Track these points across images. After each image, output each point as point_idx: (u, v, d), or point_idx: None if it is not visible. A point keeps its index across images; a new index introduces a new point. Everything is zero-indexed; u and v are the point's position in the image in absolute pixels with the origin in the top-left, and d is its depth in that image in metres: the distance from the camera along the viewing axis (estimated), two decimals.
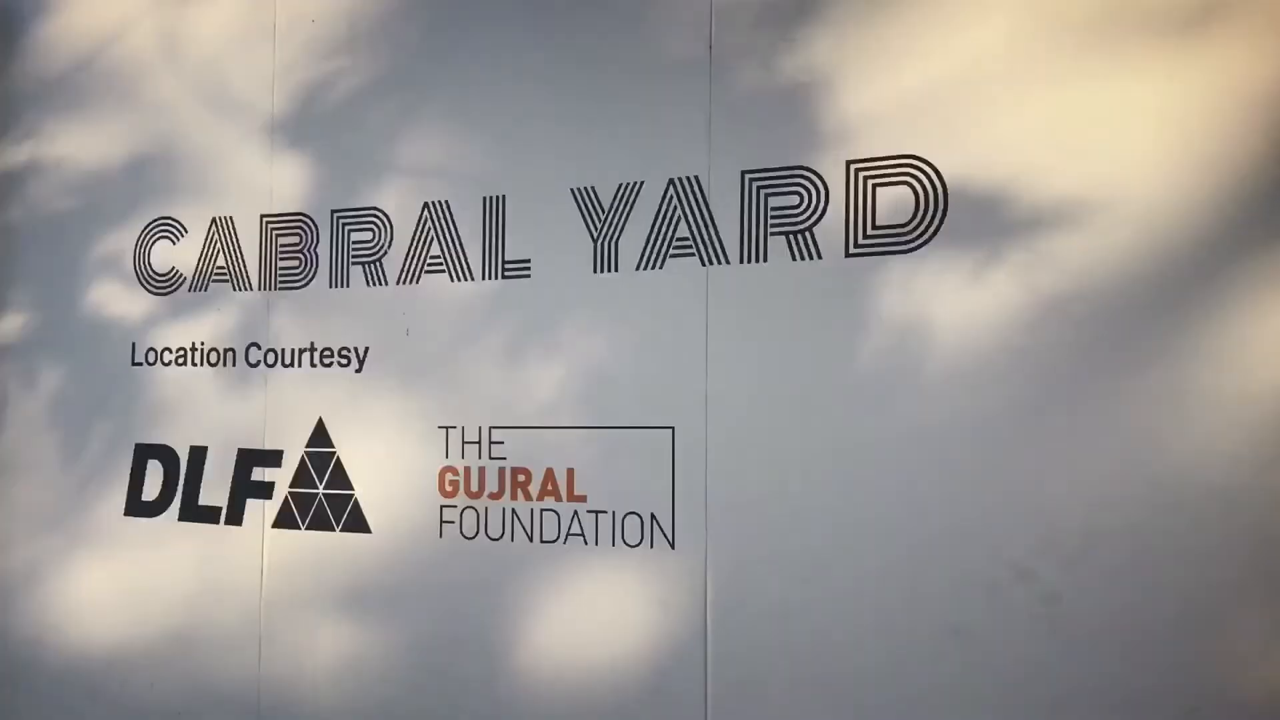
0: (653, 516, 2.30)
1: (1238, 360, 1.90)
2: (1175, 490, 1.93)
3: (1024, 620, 2.01)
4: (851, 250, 2.18)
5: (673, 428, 2.29)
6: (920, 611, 2.08)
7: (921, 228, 2.12)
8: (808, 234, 2.21)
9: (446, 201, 2.51)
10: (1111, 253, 1.99)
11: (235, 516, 2.71)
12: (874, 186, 2.16)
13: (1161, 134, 1.97)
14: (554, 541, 2.38)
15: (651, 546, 2.29)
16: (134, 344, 2.85)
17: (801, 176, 2.21)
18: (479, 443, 2.45)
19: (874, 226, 2.16)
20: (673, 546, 2.28)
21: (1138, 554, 1.95)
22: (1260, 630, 1.87)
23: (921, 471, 2.10)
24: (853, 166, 2.18)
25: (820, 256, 2.20)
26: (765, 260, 2.24)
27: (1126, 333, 1.97)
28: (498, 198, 2.47)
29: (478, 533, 2.45)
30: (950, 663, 2.06)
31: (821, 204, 2.20)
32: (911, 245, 2.13)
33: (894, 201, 2.15)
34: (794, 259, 2.21)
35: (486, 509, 2.44)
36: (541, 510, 2.40)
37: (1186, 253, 1.94)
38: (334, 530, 2.59)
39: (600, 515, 2.34)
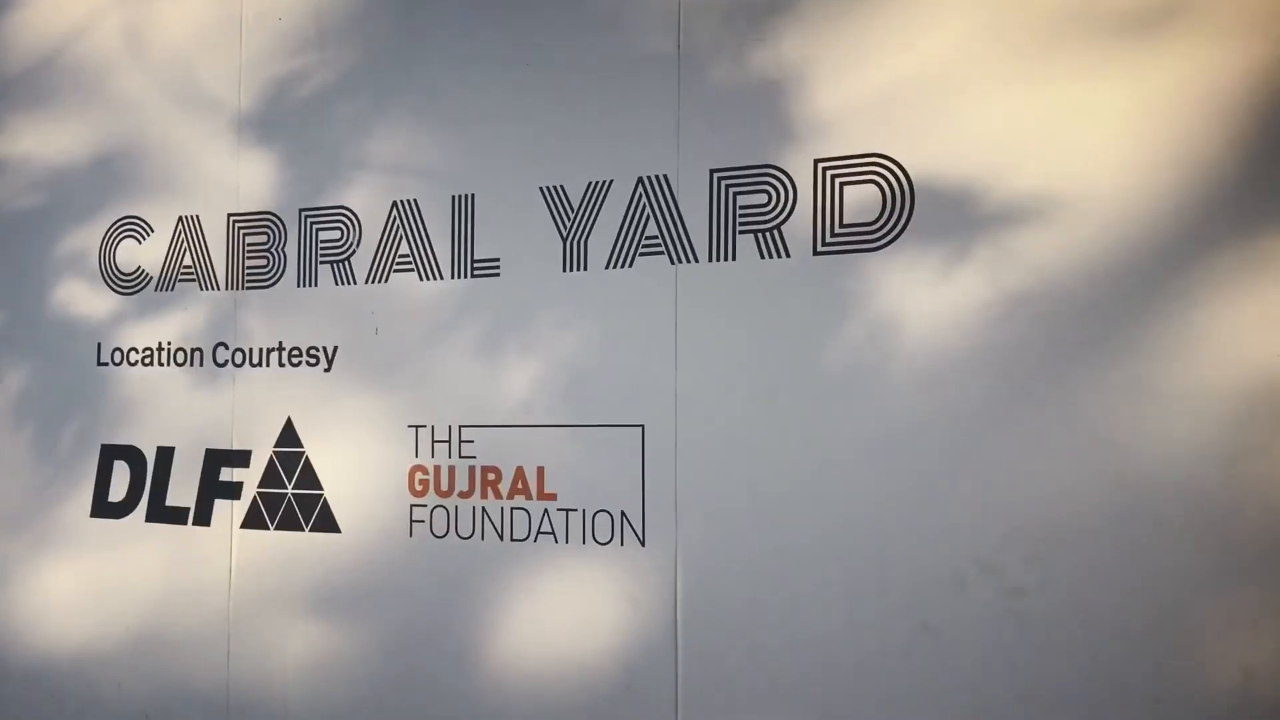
0: (623, 514, 2.30)
1: (1201, 356, 1.93)
2: (1139, 485, 1.95)
3: (991, 615, 2.04)
4: (819, 248, 2.19)
5: (642, 426, 2.30)
6: (888, 607, 2.10)
7: (888, 226, 2.14)
8: (776, 232, 2.22)
9: (415, 200, 2.50)
10: (1076, 250, 2.01)
11: (203, 517, 2.69)
12: (841, 185, 2.17)
13: (1124, 133, 1.99)
14: (524, 540, 2.38)
15: (622, 544, 2.30)
16: (99, 344, 2.82)
17: (769, 175, 2.22)
18: (449, 442, 2.45)
19: (841, 225, 2.17)
20: (643, 544, 2.29)
21: (1102, 548, 1.97)
22: (1221, 622, 1.90)
23: (890, 468, 2.12)
24: (820, 165, 2.19)
25: (788, 255, 2.21)
26: (734, 259, 2.25)
27: (1091, 329, 2.00)
28: (466, 196, 2.46)
29: (448, 532, 2.45)
30: (918, 658, 2.08)
31: (789, 202, 2.21)
32: (878, 243, 2.14)
33: (861, 200, 2.16)
34: (762, 257, 2.22)
35: (456, 508, 2.44)
36: (512, 509, 2.40)
37: (1149, 249, 1.96)
38: (303, 530, 2.58)
39: (570, 513, 2.35)
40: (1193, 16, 1.96)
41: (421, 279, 2.49)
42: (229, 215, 2.69)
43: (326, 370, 2.57)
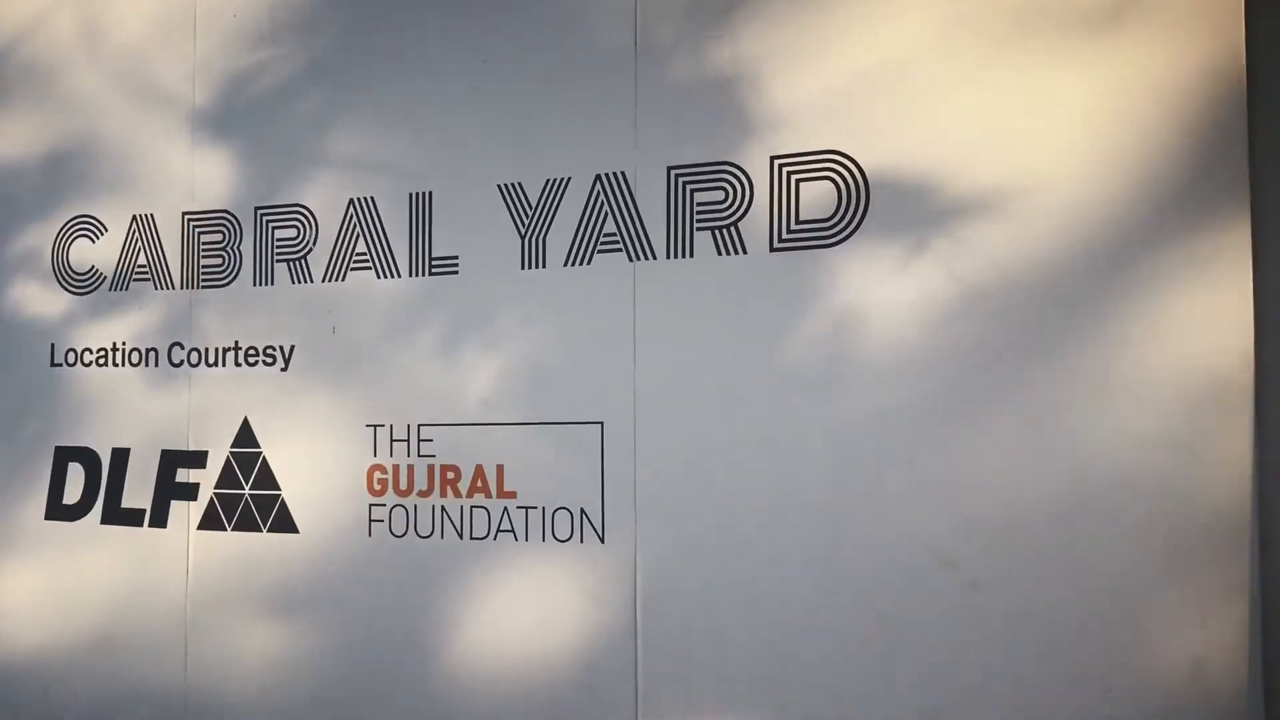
0: (582, 511, 2.30)
1: (1153, 349, 1.95)
2: (1092, 476, 1.98)
3: (947, 607, 2.05)
4: (776, 245, 2.19)
5: (602, 423, 2.30)
6: (846, 600, 2.11)
7: (844, 222, 2.15)
8: (733, 229, 2.22)
9: (372, 198, 2.49)
10: (1031, 244, 2.03)
11: (159, 519, 2.66)
12: (797, 182, 2.18)
13: (1079, 128, 2.01)
14: (484, 538, 2.38)
15: (581, 541, 2.30)
16: (53, 345, 2.79)
17: (726, 172, 2.22)
18: (407, 440, 2.44)
19: (798, 221, 2.18)
20: (602, 541, 2.29)
21: (1056, 540, 1.99)
22: (1171, 611, 1.92)
23: (848, 462, 2.13)
24: (776, 162, 2.19)
25: (746, 252, 2.21)
26: (691, 255, 2.25)
27: (1046, 322, 2.01)
28: (424, 194, 2.45)
29: (407, 531, 2.44)
30: (875, 650, 2.09)
31: (747, 199, 2.21)
32: (834, 240, 2.15)
33: (817, 196, 2.17)
34: (720, 254, 2.23)
35: (416, 507, 2.43)
36: (471, 507, 2.39)
37: (1102, 243, 1.99)
38: (261, 531, 2.56)
39: (530, 511, 2.34)
40: (1146, 13, 1.98)
41: (379, 277, 2.48)
42: (184, 214, 2.66)
43: (283, 370, 2.55)
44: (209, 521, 2.62)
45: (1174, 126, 1.95)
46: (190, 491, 2.64)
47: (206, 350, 2.63)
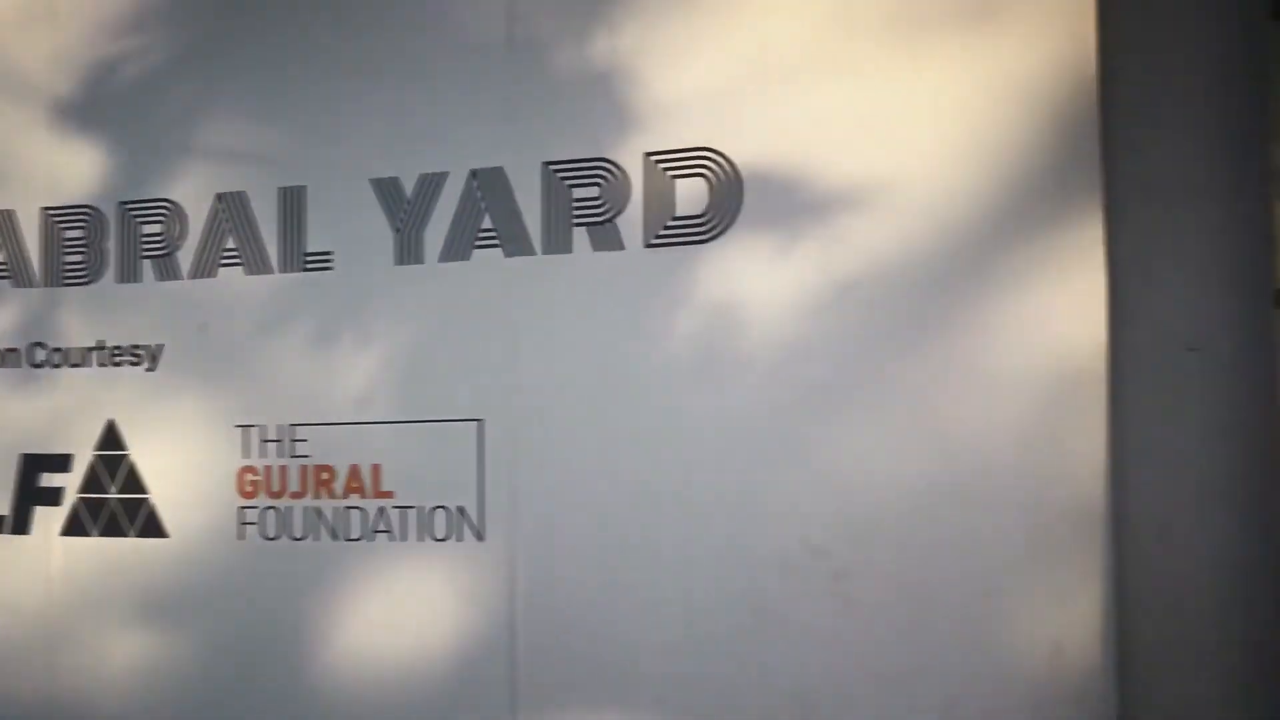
0: (461, 510, 2.28)
1: (1015, 341, 2.00)
2: (957, 465, 2.02)
3: (818, 597, 2.08)
4: (652, 241, 2.20)
5: (481, 420, 2.28)
6: (721, 592, 2.13)
7: (718, 218, 2.16)
8: (609, 225, 2.22)
9: (242, 192, 2.43)
10: (899, 236, 2.06)
11: (21, 525, 2.56)
12: (671, 178, 2.19)
13: (943, 123, 2.05)
14: (359, 539, 2.34)
15: (460, 540, 2.28)
16: None
17: (602, 168, 2.23)
18: (280, 441, 2.38)
19: (672, 217, 2.19)
20: (481, 539, 2.27)
21: (922, 528, 2.03)
22: (1034, 598, 1.98)
23: (724, 456, 2.14)
24: (650, 158, 2.20)
25: (622, 247, 2.22)
26: (568, 251, 2.24)
27: (914, 314, 2.06)
28: (296, 189, 2.40)
29: (280, 534, 2.39)
30: (749, 641, 2.11)
31: (622, 195, 2.22)
32: (709, 235, 2.17)
33: (690, 192, 2.18)
34: (596, 250, 2.23)
35: (289, 509, 2.38)
36: (346, 508, 2.35)
37: (967, 237, 2.03)
38: (128, 536, 2.48)
39: (407, 510, 2.31)
40: (1006, 13, 2.03)
41: (249, 273, 2.42)
42: (44, 209, 2.56)
43: (150, 370, 2.48)
44: (73, 527, 2.52)
45: (1031, 124, 2.01)
46: (53, 496, 2.54)
47: (69, 350, 2.54)
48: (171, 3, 2.51)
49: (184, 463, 2.44)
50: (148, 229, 2.49)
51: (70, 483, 2.53)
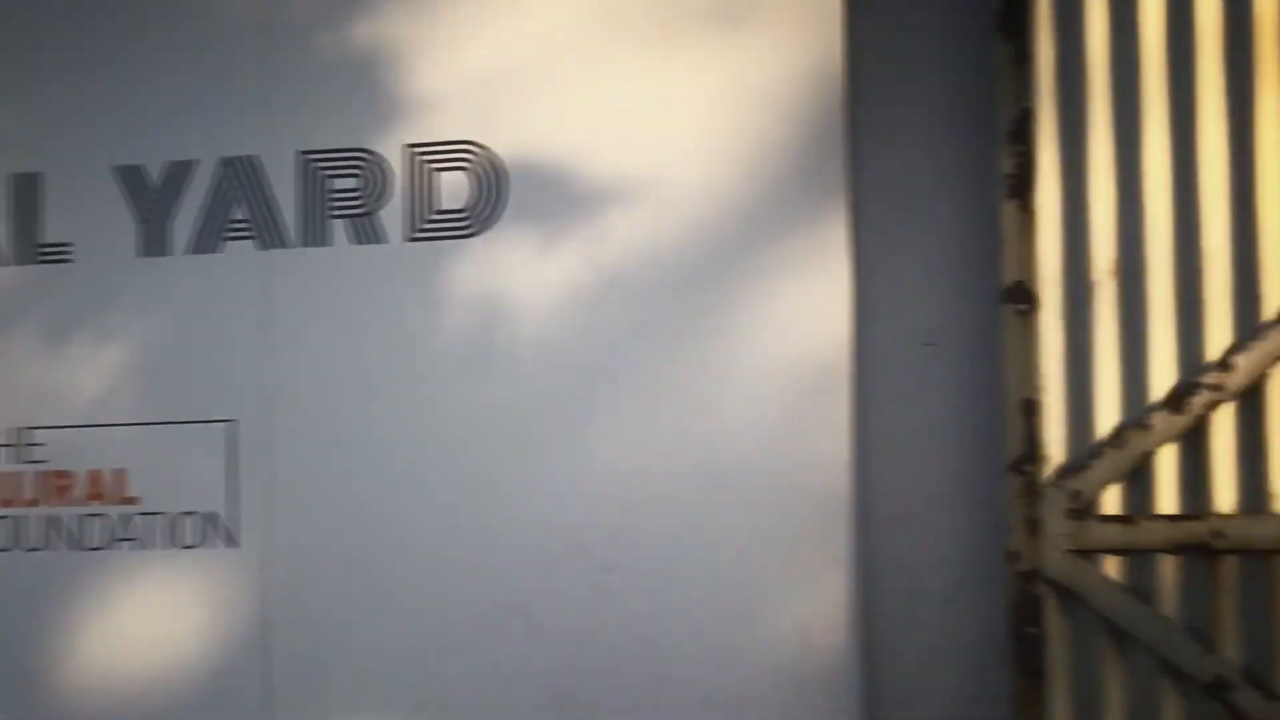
0: (213, 515, 2.18)
1: (765, 335, 2.06)
2: (713, 458, 2.06)
3: (580, 592, 2.09)
4: (414, 235, 2.16)
5: (234, 421, 2.19)
6: (480, 590, 2.11)
7: (482, 212, 2.14)
8: (370, 218, 2.17)
9: None
10: (660, 232, 2.09)
11: None
12: (432, 171, 2.15)
13: (701, 122, 2.09)
14: (100, 549, 2.20)
15: (211, 547, 2.18)
16: None
17: (361, 159, 2.17)
18: (12, 446, 2.23)
19: (435, 211, 2.15)
20: (235, 545, 2.17)
21: (681, 520, 2.06)
22: (781, 583, 2.03)
23: (486, 454, 2.12)
24: (411, 151, 2.16)
25: (383, 241, 2.17)
26: (327, 244, 2.17)
27: (674, 309, 2.09)
28: (30, 175, 2.24)
29: (13, 545, 2.23)
30: (510, 639, 2.09)
31: (383, 188, 2.17)
32: (473, 230, 2.14)
33: (453, 186, 2.15)
34: (357, 243, 2.17)
35: (23, 518, 2.22)
36: (87, 515, 2.21)
37: (720, 234, 2.08)
38: None
39: (154, 517, 2.19)
40: (759, 17, 2.08)
41: None
42: None
43: None
44: None
45: (781, 126, 2.07)
46: None
47: None
48: None
49: None
50: None
51: None
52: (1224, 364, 1.84)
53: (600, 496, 2.08)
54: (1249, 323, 1.84)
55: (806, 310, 2.04)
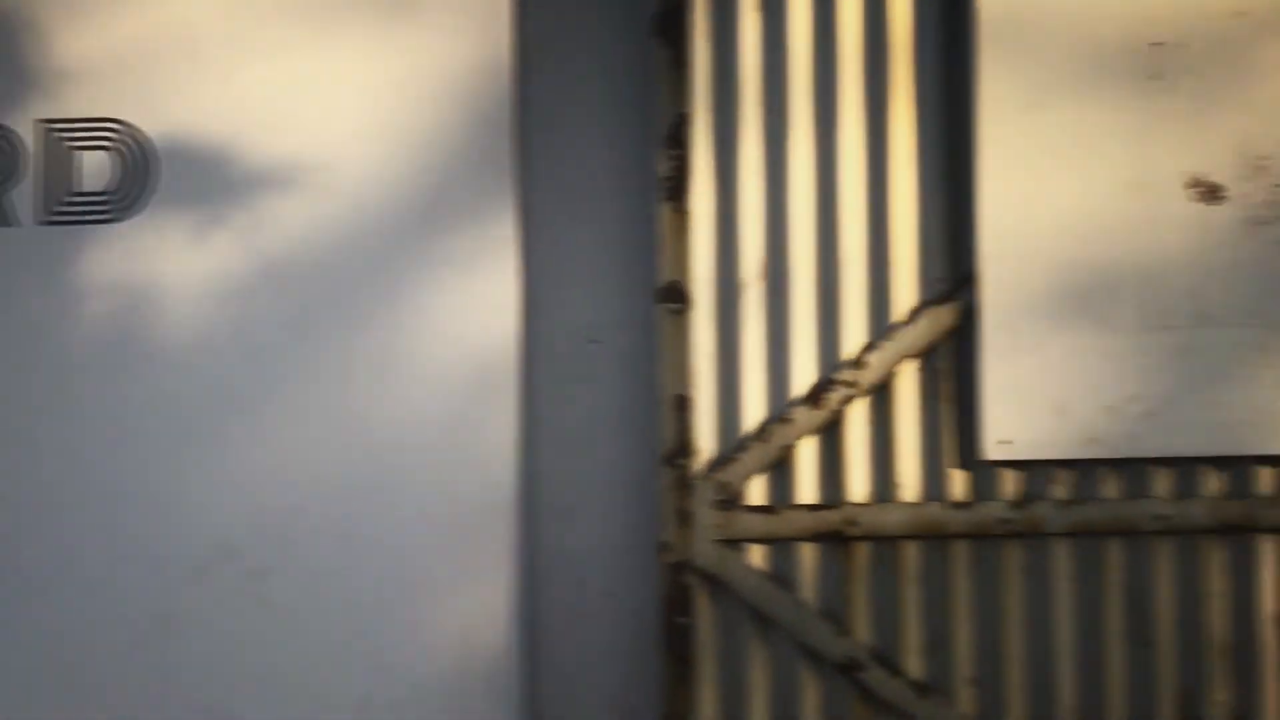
0: None
1: (431, 329, 2.02)
2: (376, 456, 2.01)
3: (231, 600, 1.99)
4: (49, 217, 2.00)
5: None
6: (120, 600, 1.98)
7: (128, 195, 2.01)
8: None
9: None
10: (323, 221, 2.03)
11: None
12: (71, 150, 2.00)
13: (367, 110, 2.04)
14: None
15: None
16: None
17: None
18: None
19: (73, 192, 2.00)
20: None
21: (342, 521, 2.00)
22: (445, 582, 2.00)
23: (129, 454, 2.01)
24: (46, 127, 2.00)
25: (14, 224, 2.00)
26: None
27: (337, 301, 2.03)
28: None
29: None
30: (155, 652, 1.98)
31: (13, 165, 2.00)
32: (119, 212, 2.01)
33: (96, 166, 2.01)
34: None
35: None
36: None
37: (387, 225, 2.03)
38: None
39: None
40: (428, 6, 2.04)
41: None
42: None
43: None
44: None
45: (450, 118, 2.04)
46: None
47: None
48: None
49: None
50: None
51: None
52: (858, 362, 1.95)
53: (252, 499, 1.99)
54: (881, 323, 1.96)
55: (474, 305, 2.03)
